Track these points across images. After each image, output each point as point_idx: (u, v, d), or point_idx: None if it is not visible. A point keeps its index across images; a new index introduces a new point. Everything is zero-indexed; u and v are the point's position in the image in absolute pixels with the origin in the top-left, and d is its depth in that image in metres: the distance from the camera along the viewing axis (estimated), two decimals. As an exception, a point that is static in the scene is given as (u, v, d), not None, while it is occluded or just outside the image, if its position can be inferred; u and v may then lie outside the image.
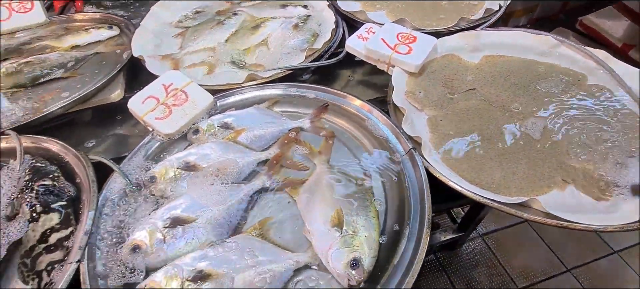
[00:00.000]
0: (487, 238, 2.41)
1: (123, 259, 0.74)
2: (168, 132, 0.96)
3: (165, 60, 1.30)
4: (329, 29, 1.35)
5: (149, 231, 0.76)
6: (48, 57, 1.29)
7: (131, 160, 0.93)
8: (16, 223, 0.81)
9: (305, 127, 1.04)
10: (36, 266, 0.75)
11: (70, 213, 0.83)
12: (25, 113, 1.11)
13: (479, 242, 2.39)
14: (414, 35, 1.18)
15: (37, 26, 1.51)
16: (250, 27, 1.42)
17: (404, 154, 0.90)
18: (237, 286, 0.69)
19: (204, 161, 0.91)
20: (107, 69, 1.30)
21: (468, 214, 2.04)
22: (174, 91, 1.02)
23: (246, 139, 0.99)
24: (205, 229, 0.78)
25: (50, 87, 1.24)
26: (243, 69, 1.26)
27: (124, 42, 1.44)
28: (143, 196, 0.87)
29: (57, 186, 0.86)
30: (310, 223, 0.78)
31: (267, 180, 0.89)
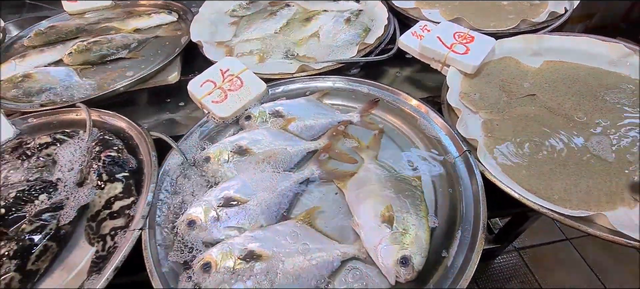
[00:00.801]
0: (523, 252, 2.30)
1: (179, 231, 0.78)
2: (223, 115, 1.00)
3: (220, 47, 1.35)
4: (381, 24, 1.34)
5: (204, 208, 0.79)
6: (114, 37, 1.37)
7: (187, 139, 0.97)
8: (85, 188, 0.87)
9: (355, 121, 1.04)
10: (101, 230, 0.81)
11: (131, 184, 0.88)
12: (93, 89, 1.20)
13: (515, 256, 2.29)
14: (472, 35, 1.14)
15: (103, 8, 1.61)
16: (302, 19, 1.44)
17: (457, 155, 0.88)
18: (286, 269, 0.70)
19: (256, 146, 0.93)
20: (165, 52, 1.37)
21: (508, 225, 1.96)
22: (230, 76, 1.05)
23: (296, 128, 1.00)
24: (255, 211, 0.80)
25: (115, 66, 1.32)
26: (294, 59, 1.27)
27: (182, 27, 1.51)
28: (198, 174, 0.91)
29: (122, 157, 0.92)
30: (359, 216, 0.78)
31: (315, 170, 0.90)
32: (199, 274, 0.70)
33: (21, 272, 0.72)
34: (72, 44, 1.37)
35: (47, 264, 0.76)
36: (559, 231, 2.46)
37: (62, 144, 0.97)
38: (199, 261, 0.71)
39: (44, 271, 0.76)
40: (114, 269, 0.69)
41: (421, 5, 1.43)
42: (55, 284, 0.74)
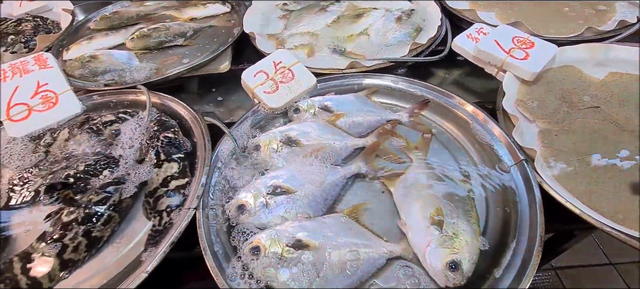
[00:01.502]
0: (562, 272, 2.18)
1: (229, 214, 0.81)
2: (273, 106, 1.02)
3: (271, 39, 1.38)
4: (434, 25, 1.31)
5: (254, 194, 0.81)
6: (171, 25, 1.44)
7: (239, 127, 1.01)
8: (144, 166, 0.92)
9: (403, 120, 1.03)
10: (158, 206, 0.85)
11: (186, 165, 0.92)
12: (151, 72, 1.26)
13: (551, 274, 2.17)
14: (532, 41, 1.09)
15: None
16: (353, 15, 1.44)
17: (512, 164, 0.85)
18: (332, 261, 0.71)
19: (305, 138, 0.94)
20: (218, 41, 1.42)
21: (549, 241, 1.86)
22: (282, 68, 1.07)
23: (344, 124, 1.00)
24: (302, 202, 0.82)
25: (172, 52, 1.38)
26: (343, 55, 1.28)
27: (234, 18, 1.55)
28: (248, 160, 0.93)
29: (178, 139, 0.96)
30: (406, 217, 0.78)
31: (363, 166, 0.90)
32: (247, 256, 0.72)
33: (87, 238, 0.78)
34: (133, 30, 1.46)
35: (109, 233, 0.82)
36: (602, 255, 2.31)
37: (123, 123, 1.04)
38: (248, 244, 0.74)
39: (107, 239, 0.81)
40: (170, 244, 0.73)
41: (476, 7, 1.39)
42: (116, 252, 0.79)
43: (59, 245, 0.76)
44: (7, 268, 0.74)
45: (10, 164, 0.97)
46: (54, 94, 1.06)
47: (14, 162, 0.98)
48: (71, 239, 0.77)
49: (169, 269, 0.76)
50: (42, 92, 1.06)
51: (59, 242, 0.76)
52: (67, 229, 0.78)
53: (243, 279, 0.71)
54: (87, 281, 0.75)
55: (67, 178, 0.88)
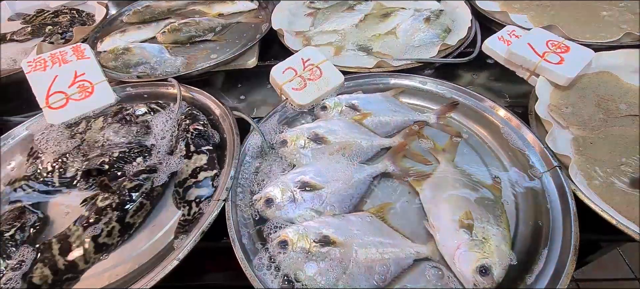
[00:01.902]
0: (583, 284, 2.11)
1: (256, 207, 0.82)
2: (301, 103, 1.03)
3: (298, 36, 1.39)
4: (464, 26, 1.29)
5: (281, 189, 0.82)
6: (201, 20, 1.47)
7: (266, 122, 1.02)
8: (175, 156, 0.94)
9: (431, 122, 1.02)
10: (187, 196, 0.87)
11: (215, 158, 0.94)
12: (181, 66, 1.29)
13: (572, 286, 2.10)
14: (567, 45, 1.06)
15: (191, -9, 1.72)
16: (380, 14, 1.43)
17: (545, 170, 0.83)
18: (359, 259, 0.71)
19: (332, 136, 0.95)
20: (246, 37, 1.44)
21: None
22: (311, 66, 1.08)
23: (371, 123, 1.00)
24: (329, 199, 0.82)
25: (200, 47, 1.41)
26: (369, 54, 1.27)
27: (261, 15, 1.57)
28: (274, 155, 0.94)
29: (207, 132, 0.98)
30: (434, 218, 0.77)
31: (390, 166, 0.90)
32: (275, 249, 0.73)
33: (121, 223, 0.81)
34: (163, 24, 1.49)
35: (141, 220, 0.84)
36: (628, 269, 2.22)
37: (155, 114, 1.07)
38: (275, 238, 0.75)
39: (139, 226, 0.84)
40: (200, 233, 0.75)
41: (508, 8, 1.36)
42: (147, 239, 0.82)
43: (94, 229, 0.79)
44: (46, 248, 0.78)
45: (48, 150, 1.01)
46: (90, 84, 1.10)
47: (51, 147, 1.02)
48: (105, 224, 0.80)
49: (196, 258, 0.77)
50: (79, 81, 1.10)
51: (94, 226, 0.79)
52: (101, 214, 0.81)
53: (269, 270, 0.72)
54: (121, 266, 0.77)
55: (102, 165, 0.91)
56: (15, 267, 0.74)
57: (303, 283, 0.70)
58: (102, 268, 0.78)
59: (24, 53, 1.42)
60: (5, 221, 0.81)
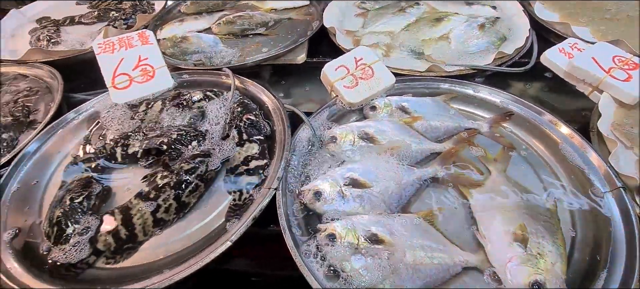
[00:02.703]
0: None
1: (304, 199, 0.84)
2: (351, 101, 1.04)
3: (349, 35, 1.40)
4: (521, 35, 1.26)
5: (330, 183, 0.84)
6: (254, 14, 1.51)
7: (316, 117, 1.04)
8: (228, 143, 0.98)
9: (483, 130, 1.00)
10: (238, 181, 0.91)
11: (265, 148, 0.97)
12: (234, 57, 1.34)
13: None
14: (636, 62, 1.01)
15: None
16: (432, 19, 1.42)
17: (607, 191, 0.79)
18: (407, 260, 0.71)
19: (381, 136, 0.95)
20: (297, 33, 1.47)
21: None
22: (363, 65, 1.09)
23: (421, 127, 1.00)
24: (378, 198, 0.83)
25: (252, 40, 1.46)
26: (420, 58, 1.26)
27: (312, 13, 1.59)
28: (323, 150, 0.96)
29: (259, 122, 1.01)
30: (485, 228, 0.76)
31: (439, 171, 0.89)
32: (323, 241, 0.74)
33: (177, 201, 0.85)
34: (218, 16, 1.55)
35: (195, 200, 0.88)
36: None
37: (210, 101, 1.11)
38: (323, 231, 0.76)
39: (193, 206, 0.88)
40: (252, 219, 0.78)
41: (570, 20, 1.30)
42: (199, 219, 0.86)
43: (153, 204, 0.84)
44: (109, 218, 0.84)
45: (112, 127, 1.08)
46: (152, 68, 1.17)
47: (114, 125, 1.09)
48: (164, 201, 0.84)
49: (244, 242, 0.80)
50: (142, 65, 1.16)
51: (153, 202, 0.84)
52: (160, 191, 0.85)
53: (316, 258, 0.74)
54: (175, 242, 0.82)
55: (161, 145, 0.96)
56: (82, 232, 0.80)
57: (348, 274, 0.71)
58: (157, 242, 0.82)
59: (90, 36, 1.52)
60: (74, 188, 0.88)
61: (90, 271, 0.78)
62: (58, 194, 0.89)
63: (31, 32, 1.56)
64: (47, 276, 0.74)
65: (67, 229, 0.79)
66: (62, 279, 0.74)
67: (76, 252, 0.77)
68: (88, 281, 0.76)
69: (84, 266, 0.77)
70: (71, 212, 0.82)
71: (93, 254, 0.79)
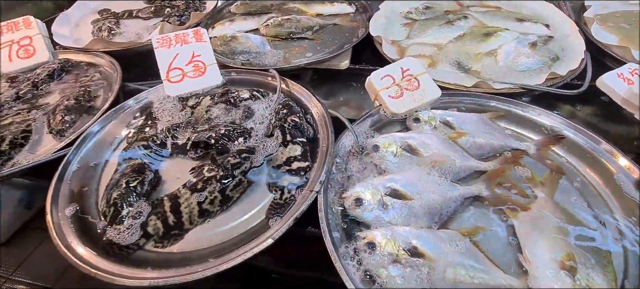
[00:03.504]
0: None
1: (345, 205, 0.85)
2: (395, 111, 1.04)
3: (394, 45, 1.40)
4: (575, 57, 1.21)
5: (371, 192, 0.84)
6: (301, 18, 1.54)
7: (359, 125, 1.05)
8: (271, 142, 1.01)
9: (531, 152, 0.97)
10: (280, 181, 0.93)
11: (307, 150, 0.99)
12: (280, 59, 1.37)
13: None
14: None
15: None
16: (481, 33, 1.39)
17: (666, 228, 0.75)
18: (447, 277, 0.71)
19: (424, 149, 0.95)
20: (341, 39, 1.48)
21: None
22: (409, 76, 1.08)
23: (465, 143, 0.98)
24: (419, 211, 0.82)
25: (297, 43, 1.49)
26: (467, 73, 1.25)
27: (357, 20, 1.61)
28: (364, 158, 0.97)
29: (303, 125, 1.04)
30: (531, 253, 0.74)
31: (484, 190, 0.88)
32: (362, 248, 0.75)
33: (222, 194, 0.89)
34: (266, 17, 1.60)
35: (238, 195, 0.92)
36: None
37: (256, 100, 1.15)
38: (363, 238, 0.77)
39: (236, 200, 0.91)
40: (294, 219, 0.80)
41: (630, 44, 1.24)
42: (241, 214, 0.89)
43: (200, 195, 0.88)
44: (159, 204, 0.88)
45: (163, 118, 1.14)
46: (203, 64, 1.22)
47: (165, 117, 1.15)
48: (210, 193, 0.88)
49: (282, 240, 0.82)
50: (194, 61, 1.22)
51: (200, 192, 0.88)
52: (207, 183, 0.89)
53: (353, 261, 0.75)
54: (217, 234, 0.85)
55: (210, 139, 1.00)
56: (136, 215, 0.85)
57: (384, 280, 0.71)
58: (202, 233, 0.86)
59: (146, 29, 1.61)
60: (129, 172, 0.93)
61: (139, 253, 0.83)
62: (114, 177, 0.95)
63: (93, 22, 1.68)
64: (102, 252, 0.80)
65: (122, 210, 0.85)
66: (116, 257, 0.79)
67: (129, 233, 0.82)
68: (137, 262, 0.80)
69: (134, 247, 0.82)
70: (127, 195, 0.88)
71: (143, 236, 0.84)
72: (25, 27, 1.36)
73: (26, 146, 1.08)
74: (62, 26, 1.60)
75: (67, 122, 1.12)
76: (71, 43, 1.52)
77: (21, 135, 1.07)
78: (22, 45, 1.35)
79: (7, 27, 1.35)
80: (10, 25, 1.35)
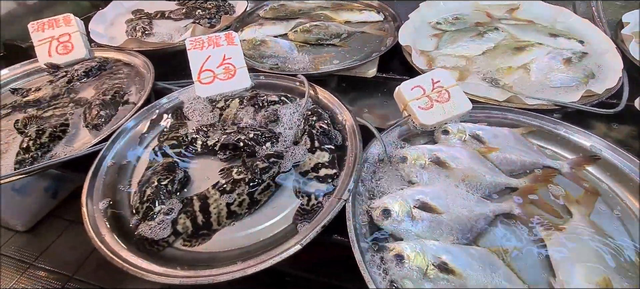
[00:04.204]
0: None
1: (372, 215, 0.85)
2: (425, 122, 1.03)
3: (423, 55, 1.39)
4: (612, 74, 1.18)
5: (400, 203, 0.83)
6: (330, 25, 1.55)
7: (387, 134, 1.04)
8: (299, 148, 1.02)
9: (564, 171, 0.95)
10: (307, 187, 0.94)
11: (335, 158, 0.99)
12: (308, 65, 1.38)
13: None
14: None
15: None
16: (512, 47, 1.37)
17: None
18: (478, 296, 0.69)
19: (454, 162, 0.93)
20: (369, 48, 1.48)
21: None
22: (440, 88, 1.08)
23: (495, 159, 0.97)
24: (448, 226, 0.81)
25: (325, 50, 1.50)
26: (497, 86, 1.23)
27: (385, 28, 1.61)
28: (392, 168, 0.96)
29: (331, 132, 1.04)
30: (565, 276, 0.72)
31: (515, 208, 0.86)
32: (391, 261, 0.75)
33: (250, 197, 0.90)
34: (294, 23, 1.61)
35: (266, 199, 0.93)
36: None
37: (284, 105, 1.16)
38: (391, 250, 0.76)
39: (263, 204, 0.92)
40: (322, 227, 0.80)
41: (671, 63, 1.20)
42: (268, 218, 0.89)
43: (229, 197, 0.89)
44: (189, 203, 0.90)
45: (193, 118, 1.17)
46: (233, 67, 1.24)
47: (195, 117, 1.17)
48: (238, 195, 0.89)
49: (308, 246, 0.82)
50: (225, 64, 1.24)
51: (229, 194, 0.89)
52: (236, 186, 0.90)
53: (379, 270, 0.74)
54: (246, 237, 0.86)
55: (239, 142, 1.02)
56: (167, 212, 0.87)
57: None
58: (226, 234, 0.87)
59: (177, 30, 1.65)
60: (160, 170, 0.96)
61: (168, 250, 0.85)
62: (146, 174, 0.98)
63: (127, 22, 1.73)
64: (134, 247, 0.82)
65: (154, 207, 0.87)
66: (147, 253, 0.81)
67: (160, 230, 0.84)
68: (167, 259, 0.82)
69: (164, 244, 0.84)
70: (159, 192, 0.90)
71: (172, 234, 0.85)
72: (65, 24, 1.42)
73: (64, 138, 1.12)
74: (98, 24, 1.66)
75: (103, 117, 1.16)
76: (106, 41, 1.57)
77: (60, 128, 1.11)
78: (62, 42, 1.40)
79: (49, 23, 1.41)
80: (51, 22, 1.41)
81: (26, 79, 1.43)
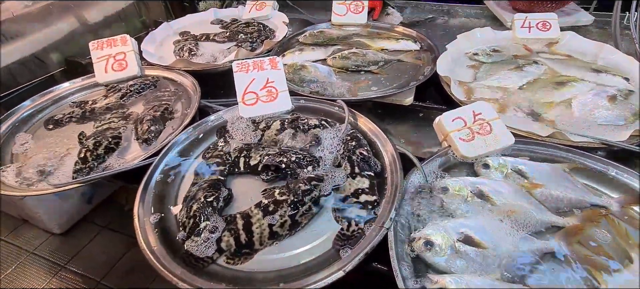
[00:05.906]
0: None
1: (414, 246, 0.84)
2: (466, 154, 1.03)
3: (461, 86, 1.40)
4: (662, 115, 1.14)
5: (442, 236, 0.83)
6: (367, 52, 1.59)
7: (428, 164, 1.05)
8: (339, 171, 1.04)
9: (613, 209, 0.92)
10: (348, 212, 0.95)
11: (375, 184, 1.00)
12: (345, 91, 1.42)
13: None
14: None
15: (359, 25, 1.88)
16: (554, 81, 1.35)
17: None
18: (526, 338, 0.67)
19: (497, 197, 0.93)
20: (406, 76, 1.51)
21: None
22: (481, 120, 1.08)
23: (539, 195, 0.95)
24: (494, 262, 0.80)
25: (363, 77, 1.53)
26: (538, 121, 1.21)
27: (422, 57, 1.63)
28: (432, 199, 0.96)
29: (371, 158, 1.05)
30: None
31: (563, 247, 0.83)
32: (434, 293, 0.74)
33: (292, 219, 0.92)
34: (332, 49, 1.66)
35: (307, 221, 0.94)
36: None
37: (324, 129, 1.19)
38: (435, 283, 0.76)
39: (304, 226, 0.94)
40: (364, 254, 0.81)
41: None
42: (307, 242, 0.90)
43: (271, 218, 0.91)
44: (232, 221, 0.93)
45: (236, 137, 1.21)
46: (276, 90, 1.29)
47: (238, 136, 1.22)
48: (281, 216, 0.92)
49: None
50: (268, 87, 1.29)
51: (272, 215, 0.92)
52: (278, 206, 0.93)
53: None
54: (284, 258, 0.87)
55: (281, 163, 1.05)
56: (212, 229, 0.90)
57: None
58: (266, 255, 0.89)
59: (221, 52, 1.73)
60: (206, 187, 1.00)
61: (212, 266, 0.87)
62: (191, 190, 1.02)
63: (175, 42, 1.84)
64: (181, 261, 0.85)
65: (200, 223, 0.90)
66: (193, 268, 0.84)
67: (205, 246, 0.87)
68: (211, 275, 0.84)
69: (208, 261, 0.87)
70: (204, 208, 0.93)
71: (217, 251, 0.88)
72: (122, 44, 1.53)
73: (116, 150, 1.19)
74: (149, 44, 1.77)
75: (153, 131, 1.22)
76: (156, 60, 1.67)
77: (114, 140, 1.19)
78: (117, 60, 1.51)
79: (108, 43, 1.52)
80: (110, 42, 1.53)
81: (84, 92, 1.54)
